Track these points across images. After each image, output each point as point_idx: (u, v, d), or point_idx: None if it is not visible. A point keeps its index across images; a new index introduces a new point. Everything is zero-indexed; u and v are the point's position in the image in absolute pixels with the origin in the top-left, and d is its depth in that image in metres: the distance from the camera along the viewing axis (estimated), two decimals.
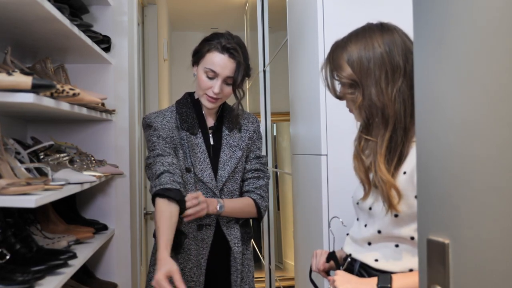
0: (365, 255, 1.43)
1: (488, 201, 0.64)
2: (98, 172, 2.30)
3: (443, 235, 0.73)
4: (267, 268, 4.40)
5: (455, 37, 0.70)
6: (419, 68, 0.80)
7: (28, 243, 1.87)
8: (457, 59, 0.70)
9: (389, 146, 1.35)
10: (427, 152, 0.78)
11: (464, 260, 0.70)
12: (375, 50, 1.37)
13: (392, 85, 1.35)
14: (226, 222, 2.10)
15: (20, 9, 1.70)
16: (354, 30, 1.45)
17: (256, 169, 2.15)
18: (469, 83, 0.68)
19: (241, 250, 2.11)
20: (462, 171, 0.69)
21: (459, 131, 0.70)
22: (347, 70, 1.39)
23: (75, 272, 1.92)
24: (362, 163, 1.41)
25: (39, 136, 2.46)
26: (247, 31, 5.91)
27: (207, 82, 2.04)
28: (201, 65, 2.05)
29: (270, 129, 4.50)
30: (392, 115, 1.34)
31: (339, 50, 1.42)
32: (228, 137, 2.12)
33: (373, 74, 1.36)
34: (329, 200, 2.02)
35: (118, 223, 2.77)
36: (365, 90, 1.37)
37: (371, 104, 1.36)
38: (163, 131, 2.03)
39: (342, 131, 1.89)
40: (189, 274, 2.05)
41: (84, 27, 2.22)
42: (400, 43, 1.39)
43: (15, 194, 1.53)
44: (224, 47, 2.03)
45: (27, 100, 1.49)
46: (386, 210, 1.33)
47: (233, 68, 2.04)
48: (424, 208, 0.79)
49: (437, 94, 0.75)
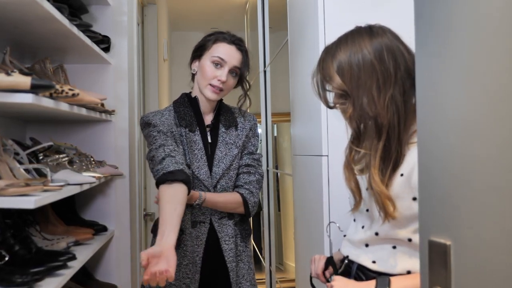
0: (362, 257, 1.43)
1: (489, 202, 0.64)
2: (98, 173, 2.30)
3: (444, 236, 0.73)
4: (267, 270, 4.40)
5: (456, 38, 0.70)
6: (421, 68, 0.80)
7: (27, 244, 1.87)
8: (458, 59, 0.70)
9: (383, 156, 1.33)
10: (428, 153, 0.78)
11: (466, 261, 0.70)
12: (365, 57, 1.33)
13: (384, 93, 1.32)
14: (219, 219, 2.10)
15: (19, 9, 1.70)
16: (343, 35, 1.42)
17: (247, 165, 2.15)
18: (470, 83, 0.68)
19: (233, 247, 2.10)
20: (463, 171, 0.69)
21: (460, 131, 0.70)
22: (336, 80, 1.36)
23: (74, 273, 1.92)
24: (352, 173, 1.40)
25: (38, 136, 2.46)
26: (248, 31, 5.91)
27: (214, 71, 2.07)
28: (207, 56, 2.09)
29: (271, 130, 4.50)
30: (385, 124, 1.32)
31: (329, 58, 1.39)
32: (224, 134, 2.13)
33: (363, 83, 1.32)
34: (330, 201, 2.02)
35: (118, 224, 2.78)
36: (356, 100, 1.34)
37: (363, 114, 1.33)
38: (162, 126, 2.03)
39: (343, 132, 1.88)
40: (184, 271, 2.06)
41: (84, 27, 2.22)
42: (390, 46, 1.35)
43: (14, 195, 1.53)
44: (231, 39, 2.11)
45: (26, 101, 1.50)
46: (383, 219, 1.33)
47: (240, 59, 2.11)
48: (425, 209, 0.79)
49: (438, 94, 0.75)
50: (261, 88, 4.38)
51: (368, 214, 1.41)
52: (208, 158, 2.09)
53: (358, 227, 1.47)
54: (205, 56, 2.10)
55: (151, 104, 4.47)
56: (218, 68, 2.08)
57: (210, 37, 2.13)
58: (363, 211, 1.44)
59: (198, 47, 2.15)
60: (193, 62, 2.16)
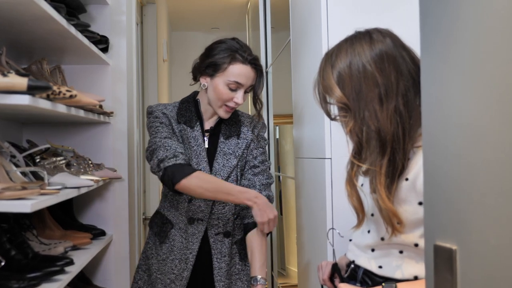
0: (368, 262, 1.43)
1: (496, 205, 0.64)
2: (96, 176, 2.30)
3: (450, 241, 0.73)
4: (269, 275, 4.39)
5: (462, 41, 0.70)
6: (426, 71, 0.80)
7: (24, 249, 1.88)
8: (465, 62, 0.70)
9: (388, 171, 1.30)
10: (433, 156, 0.78)
11: (472, 266, 0.70)
12: (365, 68, 1.31)
13: (386, 106, 1.29)
14: (215, 234, 2.10)
15: (15, 9, 1.70)
16: (343, 41, 1.39)
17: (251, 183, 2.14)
18: (476, 87, 0.68)
19: (223, 266, 2.08)
20: (468, 174, 0.69)
21: (465, 135, 0.70)
22: (337, 92, 1.33)
23: (72, 279, 1.92)
24: (355, 189, 1.38)
25: (35, 139, 2.47)
26: (249, 31, 5.91)
27: (230, 93, 2.04)
28: (221, 77, 2.03)
29: (273, 132, 4.50)
30: (389, 138, 1.28)
31: (328, 68, 1.37)
32: (222, 145, 2.11)
33: (364, 96, 1.30)
34: (333, 205, 2.02)
35: (116, 228, 2.78)
36: (357, 113, 1.31)
37: (365, 128, 1.30)
38: (164, 119, 2.07)
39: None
40: (170, 266, 2.08)
41: (82, 27, 2.22)
42: (391, 54, 1.32)
43: (10, 199, 1.53)
44: (247, 58, 2.04)
45: (22, 102, 1.50)
46: (390, 234, 1.32)
47: (255, 77, 2.08)
48: (431, 213, 0.78)
49: (444, 98, 0.75)
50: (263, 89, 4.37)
51: (374, 218, 1.41)
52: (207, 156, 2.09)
53: (364, 231, 1.47)
54: (219, 77, 2.03)
55: None
56: (234, 91, 2.04)
57: (224, 55, 2.03)
58: (368, 216, 1.44)
59: (210, 64, 2.05)
60: (203, 76, 2.09)
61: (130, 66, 3.00)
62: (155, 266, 2.12)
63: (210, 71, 2.05)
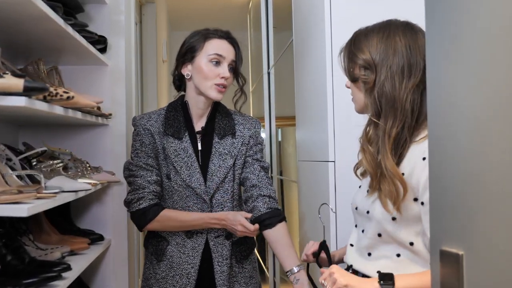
0: (366, 267, 1.46)
1: (503, 209, 0.64)
2: (94, 179, 2.30)
3: (456, 246, 0.73)
4: (271, 281, 4.39)
5: (469, 35, 0.70)
6: (432, 67, 0.80)
7: (20, 254, 1.88)
8: (471, 57, 0.70)
9: (395, 141, 1.39)
10: (439, 160, 0.78)
11: (479, 272, 0.70)
12: (396, 44, 1.42)
13: (406, 83, 1.39)
14: (215, 237, 2.08)
15: (12, 8, 1.70)
16: (378, 23, 1.50)
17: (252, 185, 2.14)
18: (483, 84, 0.68)
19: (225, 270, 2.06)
20: (475, 178, 0.69)
21: (472, 138, 0.70)
22: (366, 54, 1.44)
23: (69, 285, 1.92)
24: (370, 153, 1.43)
25: (31, 141, 2.47)
26: (251, 31, 5.92)
27: (214, 69, 2.05)
28: (202, 55, 2.06)
29: (275, 134, 4.50)
30: (401, 111, 1.38)
31: (362, 37, 1.47)
32: (217, 145, 2.09)
33: (389, 65, 1.41)
34: (337, 208, 2.02)
35: (115, 233, 2.77)
36: (378, 77, 1.41)
37: (382, 93, 1.40)
38: (146, 137, 2.07)
39: (350, 137, 1.89)
40: (171, 283, 2.06)
41: (79, 26, 2.23)
42: (422, 45, 1.41)
43: (6, 203, 1.54)
44: (220, 34, 2.10)
45: (18, 104, 1.50)
46: (392, 208, 1.36)
47: (234, 52, 2.11)
48: (437, 217, 0.78)
49: (451, 99, 0.75)
50: (265, 91, 4.38)
51: (369, 216, 1.44)
52: (200, 165, 2.06)
53: (359, 232, 1.51)
54: (199, 57, 2.06)
55: (149, 108, 4.48)
56: (217, 65, 2.05)
57: (197, 37, 2.10)
58: (363, 214, 1.47)
59: (187, 50, 2.10)
60: (183, 66, 2.11)
61: (129, 66, 3.00)
62: (155, 286, 2.09)
63: (189, 56, 2.09)
